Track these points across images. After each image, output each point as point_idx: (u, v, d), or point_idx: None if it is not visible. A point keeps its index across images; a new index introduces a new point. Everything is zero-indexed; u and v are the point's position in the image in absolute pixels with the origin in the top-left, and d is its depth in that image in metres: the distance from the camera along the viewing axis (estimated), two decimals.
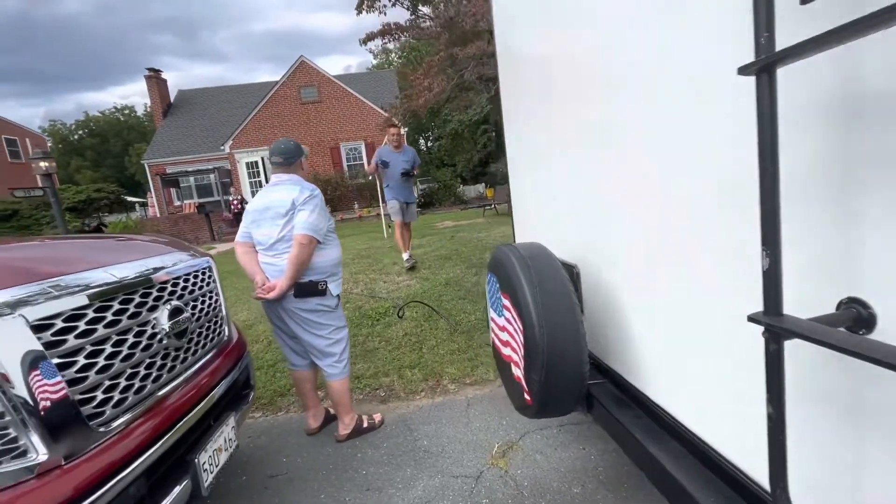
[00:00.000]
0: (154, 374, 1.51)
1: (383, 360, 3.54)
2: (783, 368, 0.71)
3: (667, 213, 1.19)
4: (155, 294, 1.60)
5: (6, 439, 1.06)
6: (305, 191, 2.29)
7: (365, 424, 2.64)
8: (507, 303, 1.62)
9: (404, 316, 4.27)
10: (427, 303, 4.38)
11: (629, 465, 2.07)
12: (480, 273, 5.23)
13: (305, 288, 2.27)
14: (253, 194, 20.47)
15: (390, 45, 9.88)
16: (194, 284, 1.87)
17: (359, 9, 9.58)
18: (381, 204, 8.10)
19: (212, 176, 21.03)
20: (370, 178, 15.51)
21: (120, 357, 1.38)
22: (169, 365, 1.60)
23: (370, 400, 3.07)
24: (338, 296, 2.42)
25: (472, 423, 2.64)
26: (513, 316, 1.57)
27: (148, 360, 1.50)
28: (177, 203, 21.93)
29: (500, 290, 1.69)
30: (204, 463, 1.60)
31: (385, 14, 9.68)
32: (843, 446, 0.77)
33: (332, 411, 2.78)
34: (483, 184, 24.62)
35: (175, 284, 1.73)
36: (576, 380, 1.46)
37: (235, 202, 16.84)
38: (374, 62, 39.39)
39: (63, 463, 1.13)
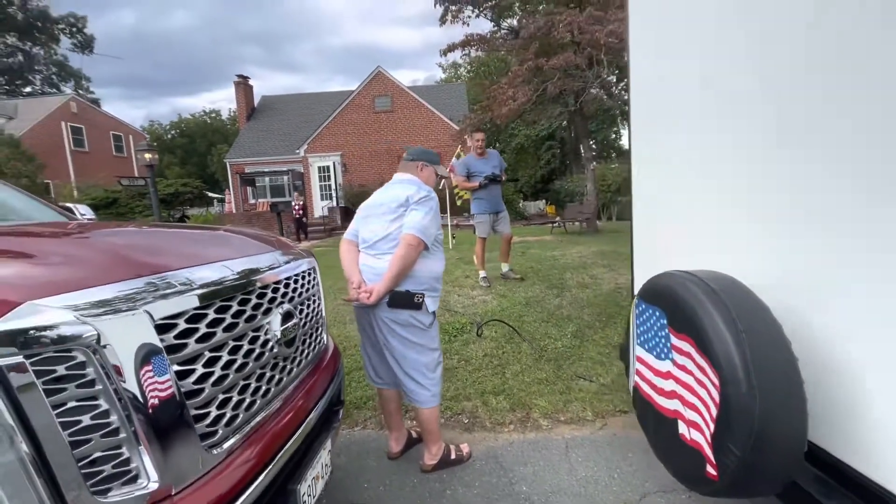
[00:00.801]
0: (263, 388, 1.33)
1: (463, 382, 3.27)
2: None
3: None
4: (270, 295, 1.43)
5: (118, 461, 0.89)
6: (422, 191, 2.11)
7: (453, 456, 2.37)
8: (684, 346, 1.29)
9: (483, 335, 3.99)
10: (508, 323, 4.07)
11: None
12: (562, 295, 4.85)
13: (401, 298, 2.05)
14: (322, 197, 21.29)
15: (472, 54, 9.81)
16: (302, 286, 1.70)
17: (442, 20, 9.61)
18: (448, 216, 7.92)
19: (285, 177, 22.11)
20: (440, 186, 15.51)
21: (235, 367, 1.20)
22: (277, 377, 1.41)
23: (453, 426, 2.80)
24: (433, 313, 2.18)
25: (575, 470, 2.28)
26: (696, 365, 1.23)
27: (259, 372, 1.32)
28: (251, 201, 23.25)
29: (671, 327, 1.36)
30: (304, 494, 1.39)
31: (469, 25, 9.65)
32: None
33: (414, 434, 2.54)
34: (543, 200, 24.01)
35: (287, 285, 1.57)
36: (789, 460, 1.10)
37: (297, 207, 17.44)
38: (443, 76, 40.13)
39: (173, 492, 0.95)
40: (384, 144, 20.50)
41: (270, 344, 1.38)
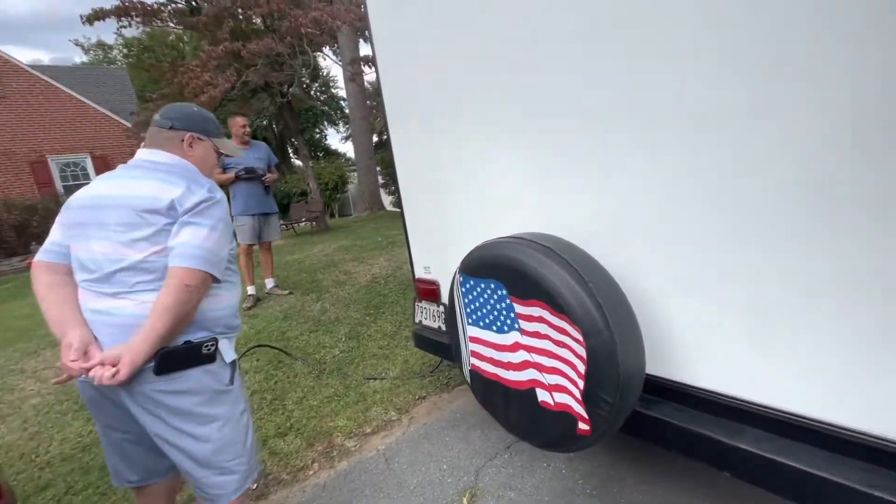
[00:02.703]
0: None
1: None
2: None
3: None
4: None
5: None
6: (199, 189, 1.27)
7: None
8: (534, 312, 1.23)
9: (242, 370, 3.20)
10: (272, 345, 3.40)
11: (605, 466, 1.95)
12: (322, 298, 4.46)
13: (178, 356, 1.23)
14: None
15: (135, 28, 7.53)
16: None
17: None
18: None
19: None
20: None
21: None
22: None
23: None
24: (233, 363, 1.39)
25: (405, 482, 2.06)
26: (553, 327, 1.19)
27: None
28: None
29: (514, 296, 1.28)
30: None
31: None
32: None
33: None
34: None
35: None
36: (639, 392, 1.20)
37: None
38: (85, 59, 30.50)
39: None
40: None
41: None
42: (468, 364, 1.56)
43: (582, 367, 1.15)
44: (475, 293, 1.43)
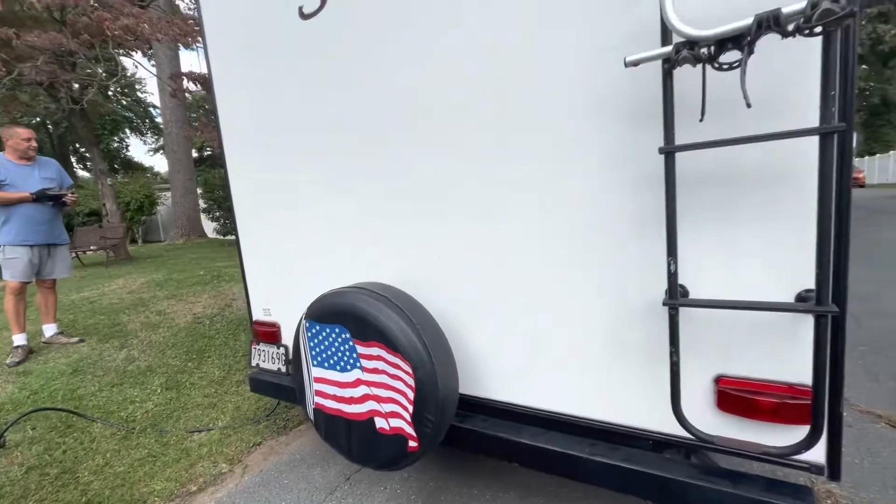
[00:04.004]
0: None
1: None
2: (678, 331, 1.16)
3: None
4: None
5: None
6: None
7: None
8: (373, 352, 1.47)
9: (6, 444, 2.56)
10: (57, 407, 2.80)
11: (433, 479, 2.23)
12: (128, 344, 3.83)
13: None
14: None
15: None
16: None
17: None
18: None
19: None
20: None
21: None
22: None
23: None
24: None
25: None
26: (388, 363, 1.44)
27: None
28: None
29: (356, 339, 1.50)
30: None
31: None
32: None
33: None
34: None
35: None
36: (454, 409, 1.53)
37: None
38: None
39: None
40: None
41: None
42: (312, 404, 1.68)
43: (412, 395, 1.42)
44: (320, 337, 1.59)
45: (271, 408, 2.90)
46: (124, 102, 23.02)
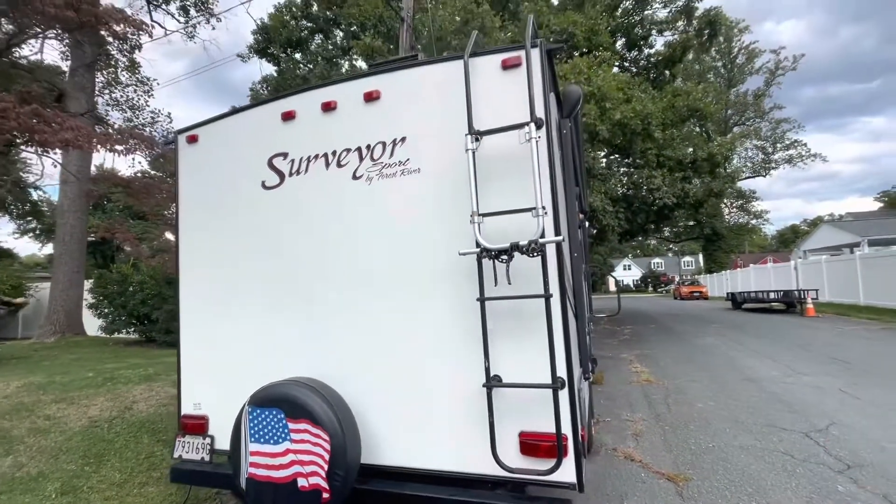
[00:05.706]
0: None
1: None
2: (493, 403, 2.02)
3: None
4: None
5: None
6: None
7: None
8: (301, 426, 2.09)
9: None
10: None
11: None
12: (13, 451, 3.67)
13: None
14: None
15: None
16: None
17: None
18: None
19: None
20: None
21: None
22: None
23: None
24: None
25: None
26: (312, 434, 2.08)
27: None
28: None
29: (289, 417, 2.12)
30: None
31: None
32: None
33: None
34: None
35: None
36: (356, 469, 2.17)
37: None
38: None
39: None
40: None
41: None
42: (245, 474, 2.18)
43: (327, 457, 2.04)
44: (260, 419, 2.17)
45: (183, 497, 3.09)
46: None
